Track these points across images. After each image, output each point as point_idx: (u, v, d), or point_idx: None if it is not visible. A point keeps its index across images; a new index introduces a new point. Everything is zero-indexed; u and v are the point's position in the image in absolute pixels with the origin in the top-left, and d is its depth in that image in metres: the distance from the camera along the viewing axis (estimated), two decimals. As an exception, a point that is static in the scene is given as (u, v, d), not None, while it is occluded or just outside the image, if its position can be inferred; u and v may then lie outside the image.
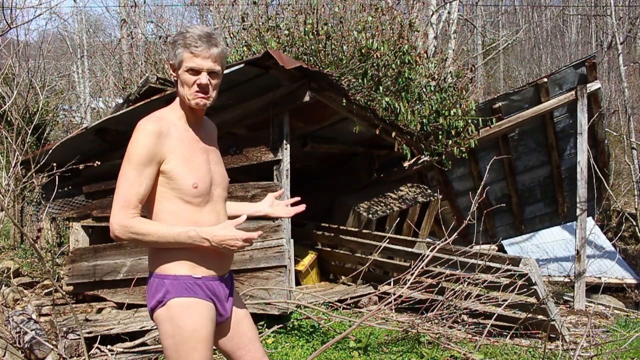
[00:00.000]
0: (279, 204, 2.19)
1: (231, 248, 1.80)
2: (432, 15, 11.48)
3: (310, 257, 6.32)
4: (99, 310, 5.46)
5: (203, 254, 1.87)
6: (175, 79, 1.90)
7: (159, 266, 1.86)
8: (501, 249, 9.39)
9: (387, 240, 5.33)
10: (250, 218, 1.97)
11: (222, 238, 1.79)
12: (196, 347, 1.81)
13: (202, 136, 1.98)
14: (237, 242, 1.79)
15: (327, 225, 6.36)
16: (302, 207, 2.15)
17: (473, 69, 8.25)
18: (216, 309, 1.92)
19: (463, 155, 6.71)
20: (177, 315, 1.81)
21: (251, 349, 2.04)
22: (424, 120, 6.34)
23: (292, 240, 4.90)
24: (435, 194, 7.15)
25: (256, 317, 4.24)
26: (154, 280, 1.87)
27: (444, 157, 6.75)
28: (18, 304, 5.66)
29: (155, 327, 4.33)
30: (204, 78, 1.84)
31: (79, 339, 3.86)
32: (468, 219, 3.81)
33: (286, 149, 4.84)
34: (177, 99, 1.95)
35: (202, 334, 1.82)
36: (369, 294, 5.89)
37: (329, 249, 6.39)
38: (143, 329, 4.33)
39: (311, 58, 6.10)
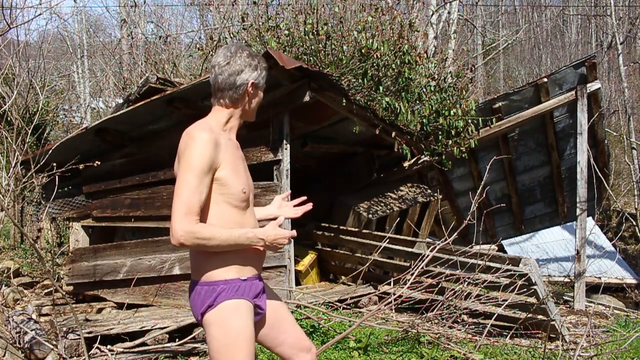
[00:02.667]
0: (287, 205, 2.33)
1: (280, 245, 2.00)
2: (432, 15, 11.48)
3: (310, 257, 6.32)
4: (99, 310, 5.46)
5: (248, 256, 1.98)
6: (251, 94, 2.05)
7: (208, 274, 1.94)
8: (501, 249, 9.39)
9: (387, 240, 5.32)
10: None
11: (275, 237, 1.97)
12: (242, 348, 1.89)
13: (238, 145, 2.13)
14: (284, 240, 1.99)
15: (327, 225, 6.36)
16: (309, 206, 2.28)
17: (473, 69, 8.25)
18: (257, 307, 2.02)
19: (463, 155, 6.71)
20: (226, 316, 1.90)
21: (292, 331, 2.17)
22: (424, 120, 6.34)
23: (292, 240, 4.90)
24: (435, 194, 7.15)
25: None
26: (202, 288, 1.94)
27: (444, 157, 6.75)
28: (18, 304, 5.67)
29: (155, 326, 4.34)
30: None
31: (79, 339, 3.86)
32: (468, 219, 3.81)
33: (286, 149, 4.85)
34: (222, 111, 2.05)
35: (247, 334, 1.92)
36: (369, 294, 5.89)
37: (329, 249, 6.39)
38: (143, 328, 4.33)
39: (311, 58, 6.10)
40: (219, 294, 1.91)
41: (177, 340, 4.24)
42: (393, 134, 5.94)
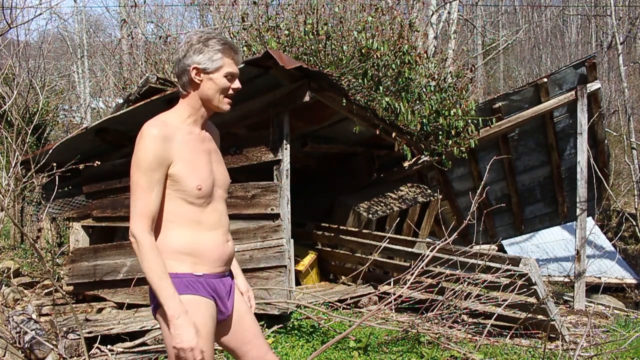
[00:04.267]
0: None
1: (178, 345, 1.74)
2: (432, 15, 11.48)
3: (310, 257, 6.32)
4: (99, 310, 5.46)
5: (204, 253, 1.90)
6: (200, 81, 1.89)
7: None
8: (501, 249, 9.39)
9: (387, 240, 5.32)
10: (250, 218, 2.00)
11: (180, 332, 1.73)
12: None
13: (206, 137, 2.02)
14: (189, 350, 1.73)
15: (327, 225, 6.36)
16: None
17: (473, 69, 8.25)
18: (217, 307, 1.94)
19: (463, 155, 6.71)
20: None
21: (256, 343, 2.07)
22: (424, 120, 6.34)
23: (292, 240, 4.90)
24: (435, 194, 7.15)
25: (256, 317, 4.24)
26: None
27: (444, 157, 6.75)
28: (18, 303, 5.67)
29: (155, 326, 4.34)
30: (238, 83, 1.95)
31: (79, 338, 3.86)
32: (468, 219, 3.81)
33: (286, 149, 4.84)
34: (182, 103, 1.95)
35: (203, 331, 1.83)
36: (369, 294, 5.89)
37: (329, 249, 6.39)
38: (143, 328, 4.33)
39: (311, 58, 6.10)
40: None
41: (177, 340, 4.24)
42: (393, 134, 5.94)
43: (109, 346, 4.03)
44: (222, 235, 1.96)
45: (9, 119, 7.70)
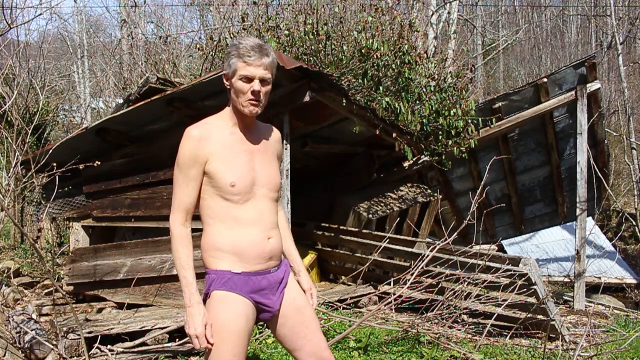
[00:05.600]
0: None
1: (187, 330, 1.91)
2: (432, 15, 11.49)
3: (310, 257, 6.32)
4: (99, 310, 5.46)
5: (242, 251, 1.97)
6: (229, 87, 2.02)
7: (207, 262, 2.01)
8: (501, 249, 9.40)
9: (387, 240, 5.32)
10: None
11: (192, 318, 1.89)
12: (225, 340, 1.89)
13: (250, 138, 2.08)
14: (194, 337, 1.88)
15: (327, 225, 6.36)
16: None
17: (473, 69, 8.26)
18: (260, 304, 2.00)
19: (463, 155, 6.71)
20: (213, 307, 1.93)
21: (312, 339, 2.09)
22: (424, 120, 6.34)
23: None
24: (435, 194, 7.15)
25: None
26: (205, 275, 2.03)
27: (444, 157, 6.75)
28: (18, 303, 5.67)
29: (155, 326, 4.34)
30: (256, 85, 1.97)
31: (79, 338, 3.86)
32: (468, 219, 3.81)
33: (286, 149, 4.85)
34: (227, 108, 2.08)
35: (232, 328, 1.90)
36: (369, 294, 5.89)
37: (329, 249, 6.39)
38: (143, 329, 4.33)
39: (311, 58, 6.10)
40: (210, 283, 1.96)
41: (177, 340, 4.25)
42: (393, 134, 5.94)
43: (109, 346, 4.02)
44: (261, 232, 2.01)
45: (9, 119, 7.70)
